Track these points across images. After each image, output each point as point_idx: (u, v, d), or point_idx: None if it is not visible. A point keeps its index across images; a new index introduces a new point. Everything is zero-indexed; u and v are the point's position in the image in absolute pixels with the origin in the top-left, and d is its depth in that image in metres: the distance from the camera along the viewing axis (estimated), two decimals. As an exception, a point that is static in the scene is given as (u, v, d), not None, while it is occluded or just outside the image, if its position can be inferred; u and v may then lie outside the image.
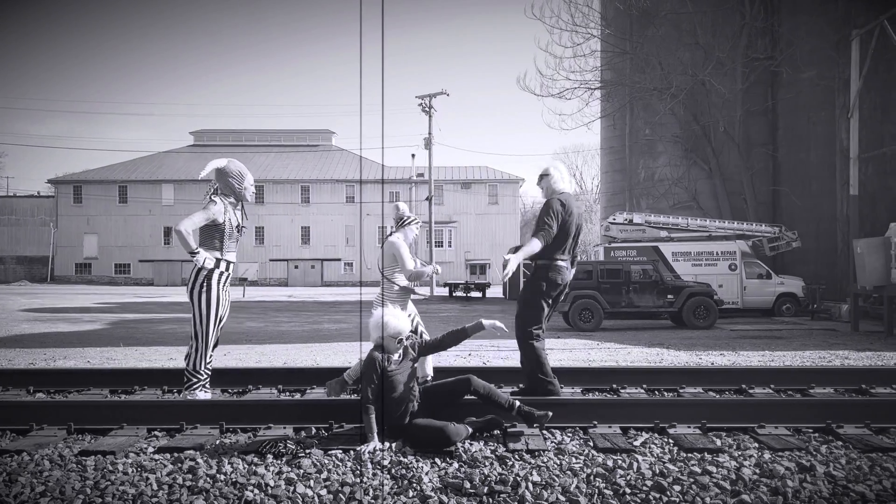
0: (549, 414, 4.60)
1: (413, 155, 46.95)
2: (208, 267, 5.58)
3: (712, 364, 9.11)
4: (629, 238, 20.74)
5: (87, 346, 11.81)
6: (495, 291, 36.32)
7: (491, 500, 3.62)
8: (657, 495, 3.61)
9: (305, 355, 10.46)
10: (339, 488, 3.73)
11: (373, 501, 3.62)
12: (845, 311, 17.68)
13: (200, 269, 5.59)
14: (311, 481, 3.81)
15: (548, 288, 5.55)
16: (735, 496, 3.60)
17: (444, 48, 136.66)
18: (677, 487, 3.69)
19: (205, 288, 5.60)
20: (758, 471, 3.92)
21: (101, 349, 11.34)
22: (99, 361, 9.61)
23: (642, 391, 6.17)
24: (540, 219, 5.51)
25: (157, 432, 4.78)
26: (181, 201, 53.69)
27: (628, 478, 3.82)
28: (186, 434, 4.70)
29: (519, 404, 4.59)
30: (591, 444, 4.45)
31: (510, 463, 4.07)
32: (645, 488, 3.69)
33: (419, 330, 5.82)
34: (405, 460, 4.09)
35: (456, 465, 4.08)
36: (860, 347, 11.57)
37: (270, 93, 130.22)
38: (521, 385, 6.16)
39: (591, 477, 3.86)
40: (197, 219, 5.53)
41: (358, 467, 4.00)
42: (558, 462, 4.08)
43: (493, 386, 4.72)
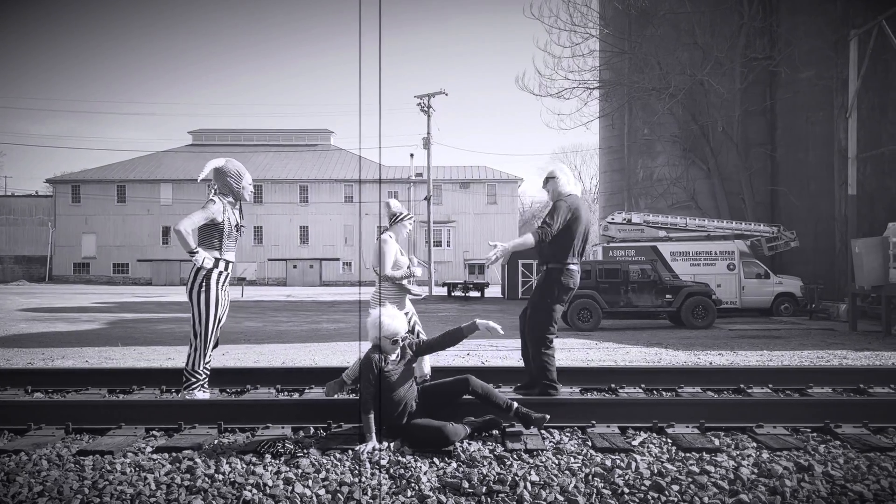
0: (547, 417, 4.60)
1: (412, 154, 46.98)
2: (207, 266, 5.58)
3: (711, 364, 9.12)
4: (628, 238, 20.75)
5: (85, 346, 11.80)
6: (494, 291, 36.32)
7: (489, 500, 3.62)
8: (655, 495, 3.61)
9: (304, 355, 10.46)
10: (338, 488, 3.73)
11: (371, 501, 3.62)
12: (843, 311, 17.70)
13: (199, 269, 5.58)
14: (310, 481, 3.81)
15: (559, 292, 5.56)
16: (733, 496, 3.60)
17: (442, 48, 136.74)
18: (675, 487, 3.70)
19: (204, 288, 5.60)
20: (756, 470, 3.92)
21: (100, 349, 11.33)
22: (97, 361, 9.60)
23: (641, 391, 6.18)
24: (544, 218, 5.51)
25: (155, 432, 4.78)
26: (179, 201, 53.66)
27: (626, 477, 3.82)
28: (185, 434, 4.70)
29: (517, 406, 4.58)
30: (590, 443, 4.46)
31: (508, 462, 4.07)
32: (643, 488, 3.69)
33: (416, 329, 5.81)
34: (403, 460, 4.09)
35: (454, 464, 4.08)
36: (858, 347, 11.58)
37: (269, 93, 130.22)
38: (519, 384, 6.17)
39: (590, 476, 3.86)
40: (196, 218, 5.53)
41: (356, 467, 4.00)
42: (557, 462, 4.08)
43: (492, 386, 4.72)
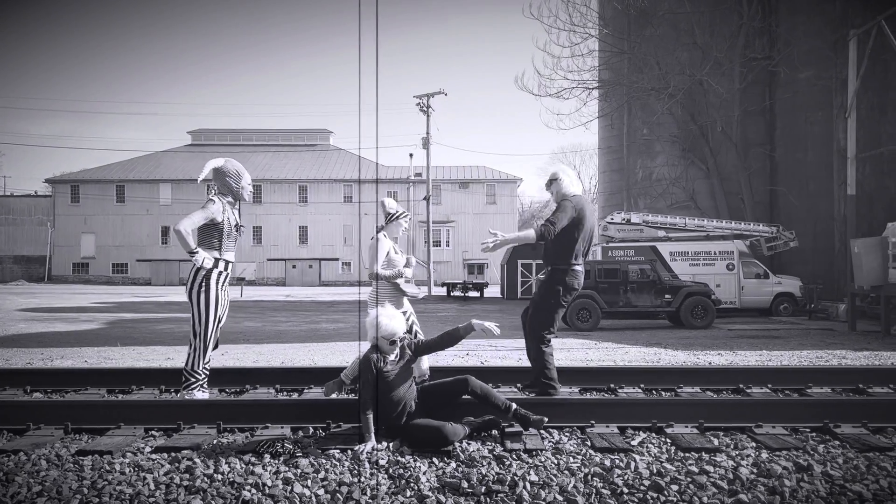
0: (545, 419, 4.60)
1: (411, 154, 47.03)
2: (207, 266, 5.57)
3: (710, 364, 9.12)
4: (627, 238, 20.75)
5: (84, 346, 11.79)
6: (493, 291, 36.33)
7: (488, 500, 3.62)
8: (654, 495, 3.61)
9: (303, 355, 10.46)
10: (337, 488, 3.73)
11: (370, 501, 3.62)
12: (842, 311, 17.70)
13: (199, 269, 5.58)
14: (309, 481, 3.81)
15: (564, 292, 5.57)
16: (732, 496, 3.60)
17: (442, 48, 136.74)
18: (675, 487, 3.70)
19: (203, 288, 5.59)
20: (755, 470, 3.92)
21: (99, 349, 11.32)
22: (96, 361, 9.60)
23: (640, 391, 6.18)
24: (548, 217, 5.50)
25: (154, 432, 4.78)
26: (179, 201, 53.64)
27: (626, 477, 3.82)
28: (184, 434, 4.70)
29: (515, 407, 4.58)
30: (589, 443, 4.46)
31: (508, 462, 4.06)
32: (642, 488, 3.69)
33: (414, 329, 5.81)
34: (403, 460, 4.09)
35: (453, 464, 4.07)
36: (857, 347, 11.58)
37: (268, 93, 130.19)
38: (519, 385, 6.18)
39: (589, 476, 3.86)
40: (196, 218, 5.53)
41: (355, 467, 4.00)
42: (556, 462, 4.08)
43: (491, 387, 4.72)
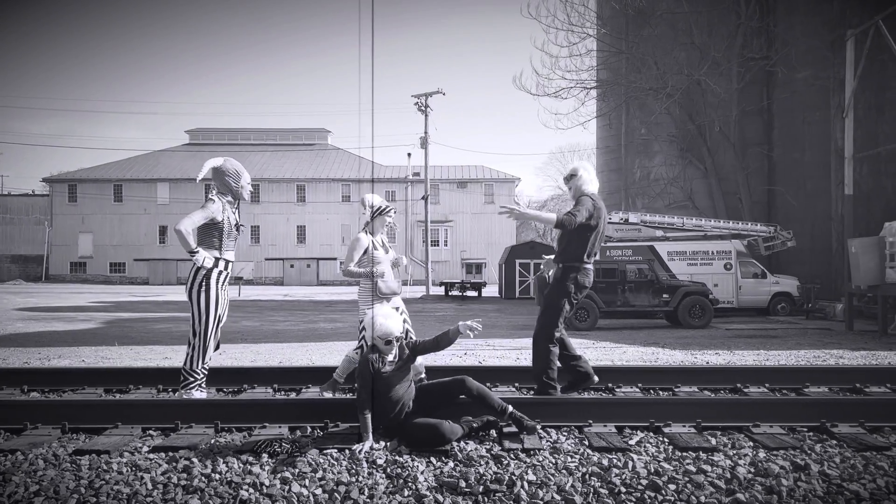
0: (539, 426, 4.59)
1: (409, 154, 47.05)
2: (207, 266, 5.56)
3: (707, 363, 9.13)
4: (625, 237, 20.76)
5: (81, 346, 11.77)
6: (491, 290, 36.34)
7: (486, 499, 3.62)
8: (652, 494, 3.61)
9: (301, 354, 10.45)
10: (335, 487, 3.73)
11: (368, 500, 3.62)
12: (840, 311, 17.73)
13: (199, 269, 5.57)
14: (307, 480, 3.81)
15: (575, 291, 5.58)
16: (730, 495, 3.60)
17: (440, 47, 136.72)
18: (672, 486, 3.70)
19: (204, 287, 5.58)
20: (752, 470, 3.93)
21: (96, 348, 11.31)
22: (93, 361, 9.58)
23: (637, 390, 6.18)
24: (570, 209, 5.48)
25: (151, 431, 4.77)
26: (176, 200, 53.58)
27: (623, 477, 3.82)
28: (181, 433, 4.69)
29: (511, 409, 4.57)
30: (587, 442, 4.46)
31: (505, 462, 4.07)
32: (640, 487, 3.70)
33: (405, 328, 5.80)
34: (400, 459, 4.09)
35: (451, 464, 4.07)
36: (854, 346, 11.60)
37: (267, 92, 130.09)
38: (517, 384, 6.18)
39: (587, 476, 3.86)
40: (196, 218, 5.51)
41: (353, 466, 4.00)
42: (554, 461, 4.08)
43: (487, 388, 4.71)
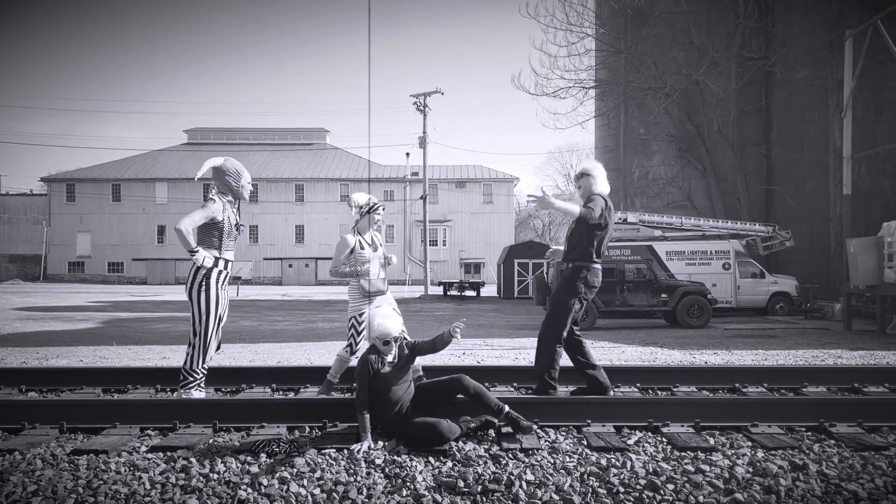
0: (534, 427, 4.57)
1: (408, 154, 47.03)
2: (207, 265, 5.55)
3: (706, 363, 9.13)
4: (623, 237, 20.75)
5: (79, 345, 11.76)
6: (490, 290, 36.35)
7: (485, 499, 3.62)
8: (651, 494, 3.62)
9: (299, 354, 10.45)
10: (333, 487, 3.73)
11: (366, 500, 3.62)
12: (838, 311, 17.74)
13: (199, 268, 5.55)
14: (305, 480, 3.81)
15: (584, 290, 5.58)
16: (728, 495, 3.60)
17: (439, 47, 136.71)
18: (671, 486, 3.70)
19: (204, 287, 5.57)
20: (751, 469, 3.93)
21: (94, 348, 11.29)
22: (92, 360, 9.58)
23: (636, 390, 6.18)
24: (587, 204, 5.48)
25: (149, 431, 4.76)
26: (175, 200, 53.54)
27: (622, 476, 3.82)
28: (179, 433, 4.68)
29: (507, 409, 4.54)
30: (585, 442, 4.46)
31: (504, 462, 4.06)
32: (638, 487, 3.70)
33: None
34: (399, 459, 4.09)
35: (450, 463, 4.07)
36: (853, 346, 11.61)
37: (266, 92, 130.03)
38: (515, 384, 6.18)
39: (585, 476, 3.86)
40: (197, 217, 5.50)
41: (352, 466, 4.00)
42: (552, 461, 4.08)
43: (485, 387, 4.69)
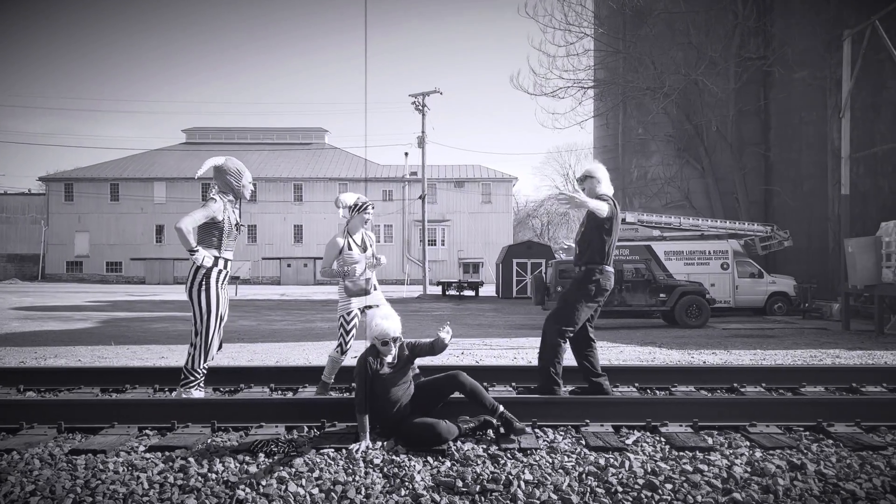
0: (527, 429, 4.56)
1: (406, 153, 47.02)
2: (207, 265, 5.53)
3: (704, 363, 9.14)
4: (622, 237, 20.73)
5: (77, 345, 11.75)
6: (488, 290, 36.35)
7: (483, 499, 3.62)
8: (649, 493, 3.62)
9: (298, 354, 10.44)
10: (332, 487, 3.73)
11: (365, 500, 3.62)
12: (836, 310, 17.76)
13: (199, 268, 5.53)
14: (303, 480, 3.81)
15: (596, 293, 5.58)
16: (726, 494, 3.61)
17: (437, 47, 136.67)
18: (669, 486, 3.70)
19: (204, 286, 5.55)
20: (749, 469, 3.93)
21: (92, 348, 11.28)
22: (90, 360, 9.56)
23: (634, 390, 6.18)
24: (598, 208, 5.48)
25: (148, 431, 4.76)
26: (173, 199, 53.50)
27: (620, 476, 3.82)
28: (178, 433, 4.68)
29: (502, 409, 4.52)
30: (584, 442, 4.46)
31: (502, 461, 4.07)
32: (637, 486, 3.70)
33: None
34: (397, 459, 4.09)
35: (448, 463, 4.07)
36: (851, 346, 11.62)
37: (264, 92, 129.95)
38: (514, 384, 6.18)
39: (584, 475, 3.86)
40: (197, 216, 5.48)
41: (350, 466, 3.99)
42: (550, 460, 4.08)
43: (481, 386, 4.66)
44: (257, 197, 53.99)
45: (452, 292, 32.57)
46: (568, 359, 5.70)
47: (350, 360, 5.82)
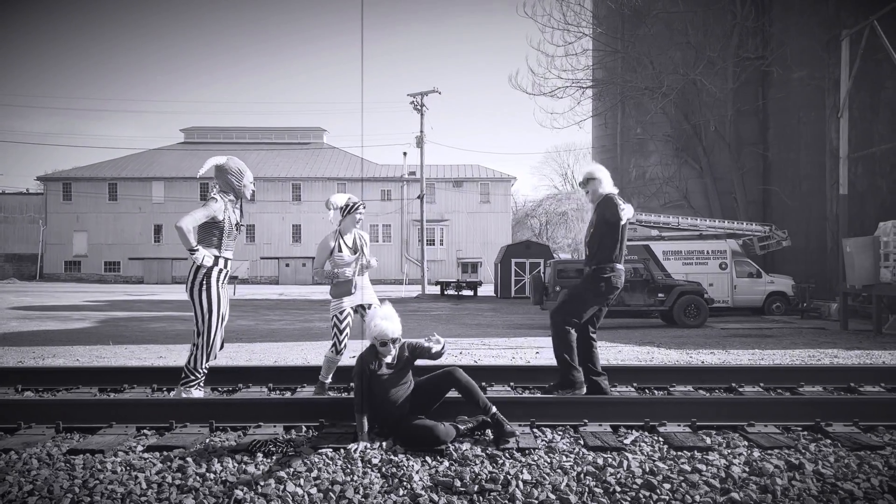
0: (517, 434, 4.44)
1: (405, 153, 47.01)
2: (208, 264, 5.53)
3: (702, 362, 9.14)
4: (620, 237, 20.75)
5: (75, 345, 11.74)
6: (487, 290, 36.36)
7: (481, 499, 3.62)
8: (647, 493, 3.62)
9: (296, 353, 10.44)
10: (330, 487, 3.73)
11: (363, 500, 3.62)
12: (834, 310, 17.78)
13: (199, 267, 5.52)
14: (302, 480, 3.80)
15: (606, 291, 5.61)
16: (724, 494, 3.61)
17: (436, 46, 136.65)
18: (667, 485, 3.70)
19: (205, 286, 5.55)
20: (747, 469, 3.94)
21: (90, 347, 11.27)
22: (88, 360, 9.55)
23: (632, 389, 6.19)
24: (615, 209, 5.57)
25: (146, 431, 4.76)
26: (171, 199, 53.46)
27: (618, 476, 3.83)
28: (176, 433, 4.68)
29: (494, 410, 4.48)
30: (582, 442, 4.46)
31: (501, 461, 4.07)
32: (635, 486, 3.70)
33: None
34: (395, 459, 4.09)
35: (446, 463, 4.07)
36: (849, 346, 11.64)
37: (263, 91, 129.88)
38: (512, 383, 6.18)
39: (582, 475, 3.86)
40: (198, 215, 5.47)
41: (348, 466, 3.99)
42: (549, 460, 4.08)
43: (476, 385, 4.63)
44: (256, 196, 53.92)
45: (451, 292, 32.59)
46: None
47: (350, 360, 5.82)
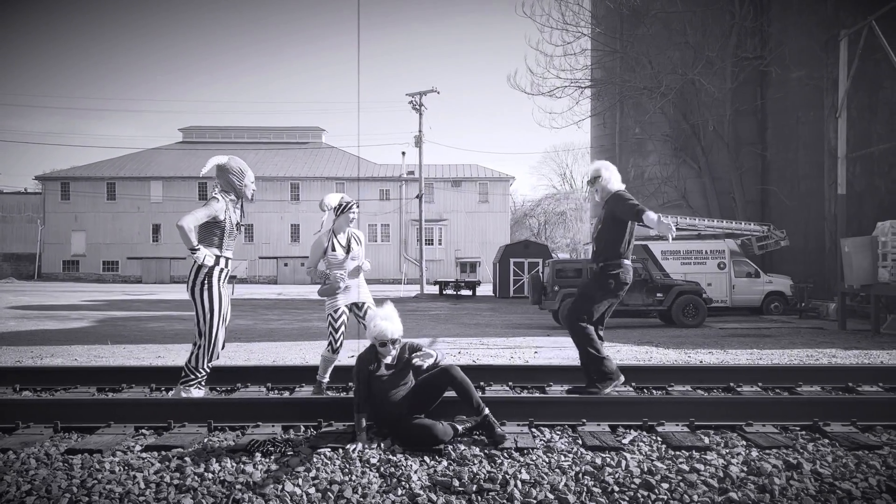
0: (506, 438, 4.38)
1: (403, 153, 47.03)
2: (209, 264, 5.52)
3: (701, 362, 9.15)
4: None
5: (74, 344, 11.73)
6: (485, 289, 36.36)
7: (480, 498, 3.62)
8: (645, 493, 3.62)
9: (294, 353, 10.43)
10: (328, 486, 3.72)
11: (361, 500, 3.62)
12: (833, 310, 17.78)
13: (201, 267, 5.51)
14: (300, 479, 3.80)
15: (616, 287, 5.63)
16: (723, 494, 3.61)
17: (434, 46, 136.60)
18: (665, 485, 3.71)
19: (206, 286, 5.54)
20: (745, 468, 3.94)
21: (89, 347, 11.27)
22: (86, 359, 9.55)
23: (631, 389, 6.19)
24: (627, 206, 5.50)
25: (144, 431, 4.75)
26: (170, 198, 53.43)
27: (617, 475, 3.83)
28: (174, 432, 4.67)
29: (487, 412, 4.44)
30: (580, 441, 4.46)
31: (499, 461, 4.07)
32: (633, 486, 3.70)
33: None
34: (394, 458, 4.09)
35: (445, 463, 4.07)
36: (847, 346, 11.65)
37: (262, 91, 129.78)
38: (511, 383, 6.18)
39: (580, 475, 3.86)
40: (199, 215, 5.47)
41: (347, 466, 3.99)
42: (547, 460, 4.08)
43: (472, 385, 4.59)
44: (254, 196, 53.94)
45: (449, 292, 32.59)
46: (571, 357, 5.71)
47: (349, 359, 5.82)
